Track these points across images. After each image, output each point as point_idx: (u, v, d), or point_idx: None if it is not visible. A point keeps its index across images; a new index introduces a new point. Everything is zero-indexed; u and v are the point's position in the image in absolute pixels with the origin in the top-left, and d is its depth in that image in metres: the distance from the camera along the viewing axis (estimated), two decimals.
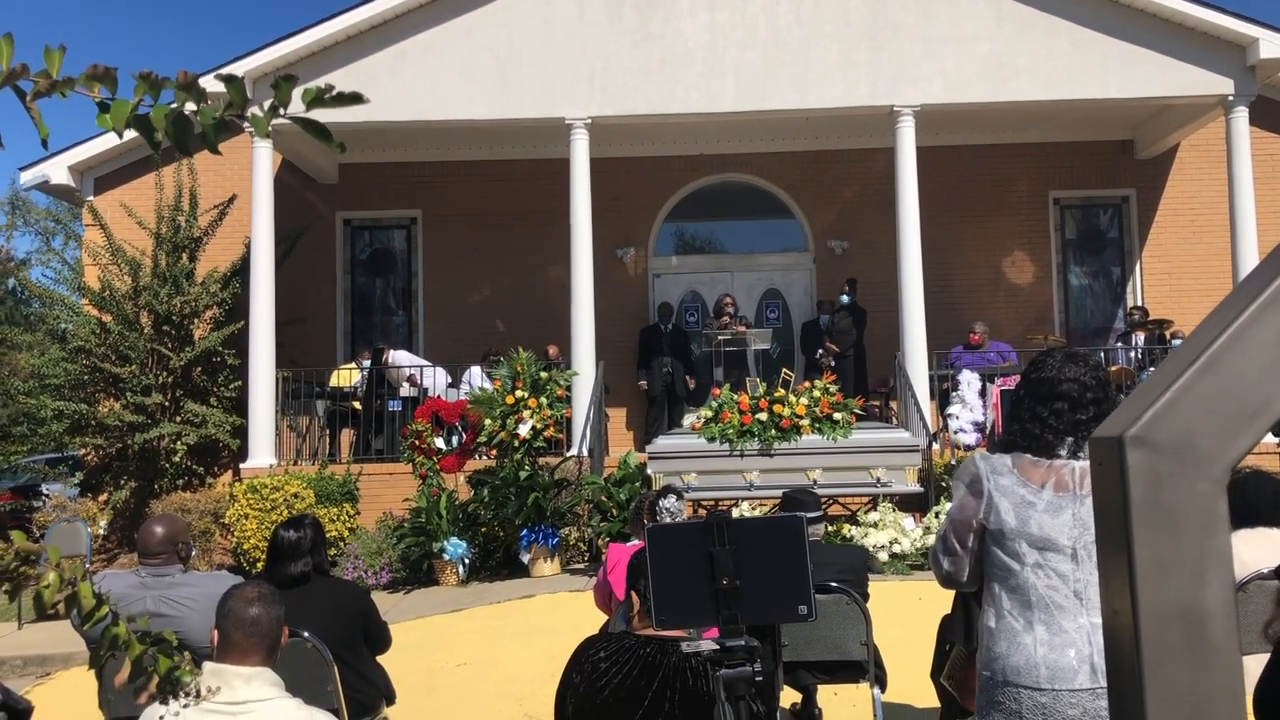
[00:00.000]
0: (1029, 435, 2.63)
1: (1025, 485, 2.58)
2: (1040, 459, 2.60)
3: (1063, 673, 2.48)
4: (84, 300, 13.85)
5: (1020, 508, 2.56)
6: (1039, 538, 2.54)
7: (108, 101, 1.12)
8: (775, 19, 12.48)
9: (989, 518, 2.60)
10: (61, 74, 1.12)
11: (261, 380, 12.42)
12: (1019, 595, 2.56)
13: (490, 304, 14.98)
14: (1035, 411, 2.64)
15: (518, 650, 7.64)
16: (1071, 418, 2.60)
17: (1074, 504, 2.54)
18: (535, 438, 10.40)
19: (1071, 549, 2.53)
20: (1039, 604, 2.53)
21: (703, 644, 2.49)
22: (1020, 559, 2.56)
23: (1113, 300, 15.21)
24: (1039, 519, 2.54)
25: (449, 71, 12.50)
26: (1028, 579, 2.55)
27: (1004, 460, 2.63)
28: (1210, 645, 0.84)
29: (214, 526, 11.85)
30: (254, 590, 2.92)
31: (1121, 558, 0.86)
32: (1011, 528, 2.56)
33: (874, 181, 14.46)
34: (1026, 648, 2.52)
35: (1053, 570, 2.53)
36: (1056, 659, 2.49)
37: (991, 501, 2.60)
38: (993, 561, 2.62)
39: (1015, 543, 2.56)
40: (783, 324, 15.07)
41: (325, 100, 1.18)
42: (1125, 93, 12.41)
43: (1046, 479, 2.58)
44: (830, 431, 10.43)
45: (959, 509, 2.67)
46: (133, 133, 1.15)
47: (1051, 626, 2.51)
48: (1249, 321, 0.86)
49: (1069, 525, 2.53)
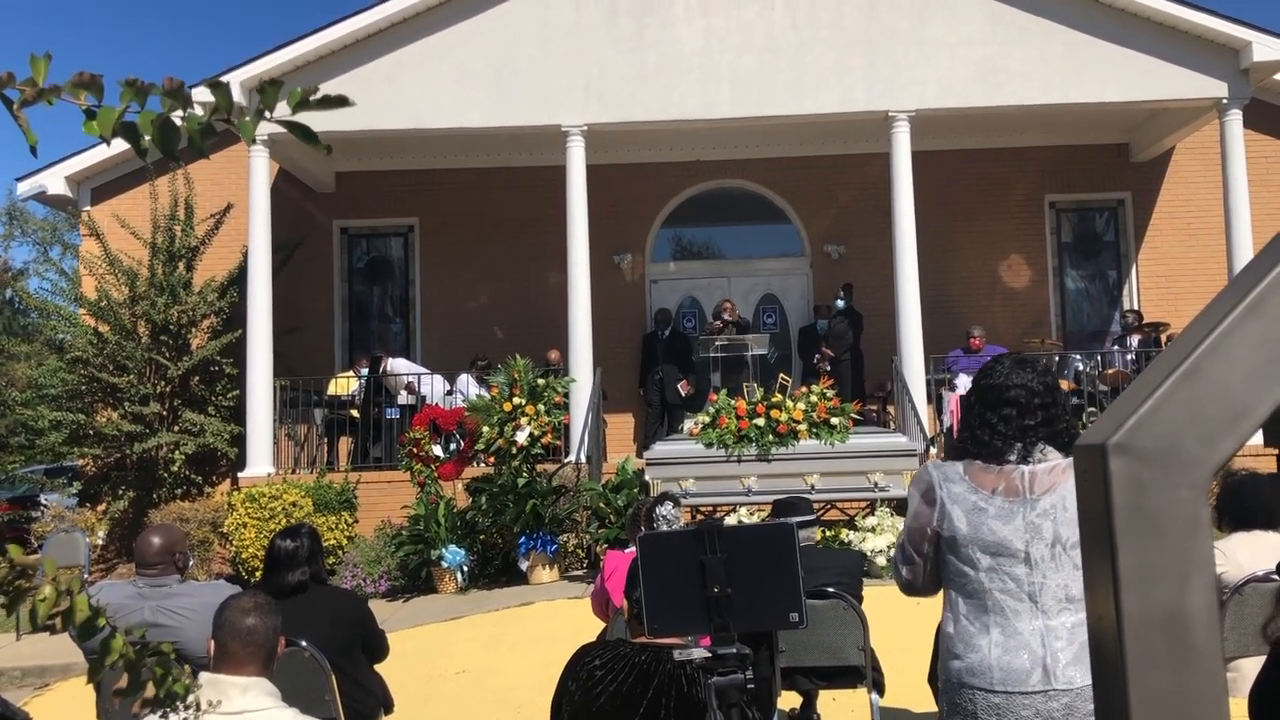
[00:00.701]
0: (979, 441, 2.68)
1: (977, 492, 2.62)
2: (991, 465, 2.64)
3: (1015, 674, 2.51)
4: (81, 310, 13.85)
5: (972, 514, 2.61)
6: (991, 543, 2.58)
7: (94, 109, 1.12)
8: (770, 25, 12.51)
9: (943, 525, 2.65)
10: (48, 82, 1.13)
11: (259, 389, 12.42)
12: (975, 600, 2.61)
13: (488, 311, 14.98)
14: (985, 418, 2.69)
15: (516, 658, 7.64)
16: (1020, 423, 2.64)
17: (1024, 508, 2.59)
18: (533, 445, 10.40)
19: (1024, 553, 2.57)
20: (994, 608, 2.57)
21: (695, 652, 2.50)
22: (975, 564, 2.60)
23: (1109, 303, 15.23)
24: (991, 524, 2.58)
25: (445, 79, 12.52)
26: (983, 583, 2.59)
27: (956, 468, 2.68)
28: (1194, 649, 0.85)
29: (212, 536, 11.84)
30: (250, 600, 2.92)
31: (1105, 563, 0.87)
32: (964, 534, 2.60)
33: (870, 186, 14.48)
34: (982, 650, 2.56)
35: (1007, 574, 2.57)
36: (1010, 661, 2.53)
37: (945, 509, 2.64)
38: (949, 568, 2.66)
39: (969, 549, 2.60)
40: (780, 329, 15.08)
41: (310, 103, 1.18)
42: (1120, 96, 12.44)
43: (997, 484, 2.62)
44: (827, 436, 10.43)
45: (914, 518, 2.72)
46: (122, 141, 1.15)
47: (1006, 629, 2.55)
48: (1230, 328, 0.87)
49: (1021, 530, 2.57)
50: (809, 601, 3.67)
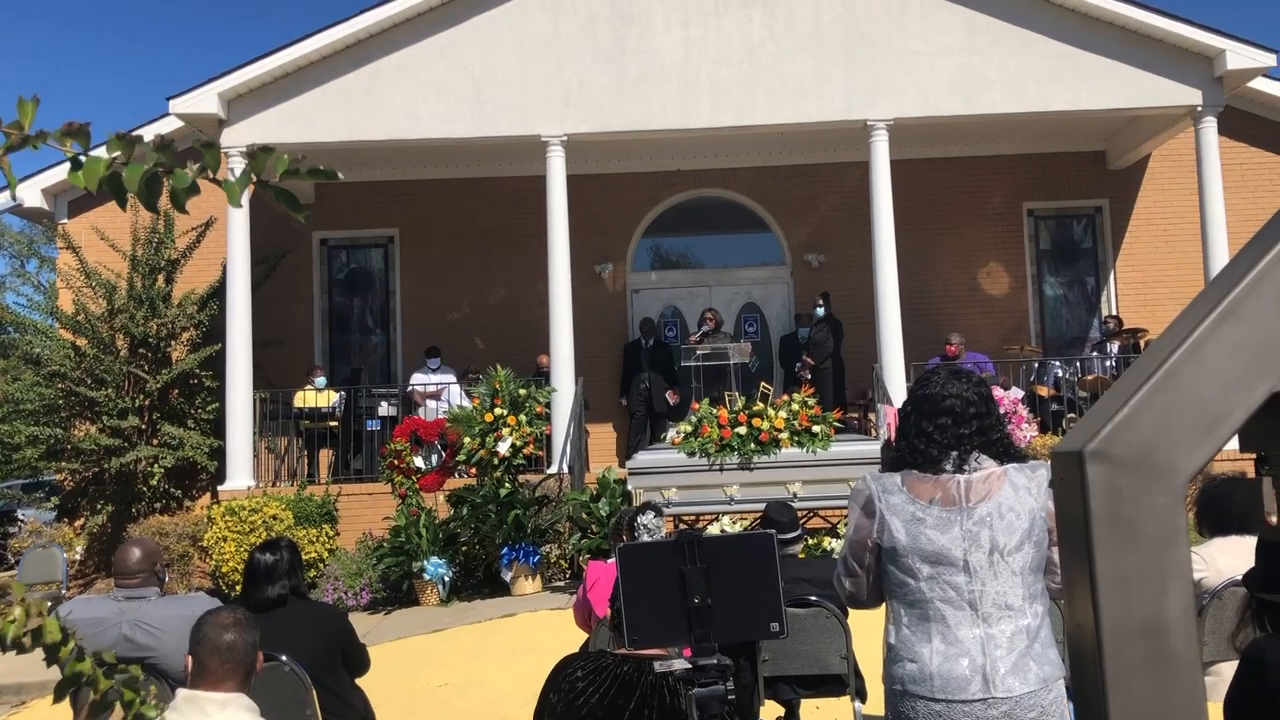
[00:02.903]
0: (915, 450, 2.71)
1: (914, 502, 2.65)
2: (927, 474, 2.67)
3: (955, 682, 2.53)
4: (58, 325, 13.75)
5: (911, 524, 2.63)
6: (930, 552, 2.60)
7: (81, 158, 1.12)
8: (749, 35, 12.55)
9: (882, 536, 2.67)
10: (34, 127, 1.11)
11: (239, 402, 12.35)
12: (917, 609, 2.63)
13: (469, 322, 14.95)
14: (921, 427, 2.72)
15: (499, 670, 7.61)
16: (955, 432, 2.67)
17: (961, 517, 2.61)
18: (515, 455, 10.37)
19: (963, 561, 2.59)
20: (935, 616, 2.59)
21: (676, 663, 2.49)
22: (915, 574, 2.62)
23: (1088, 310, 15.32)
24: (929, 534, 2.61)
25: (425, 90, 12.50)
26: (924, 592, 2.61)
27: (894, 479, 2.71)
28: (1172, 656, 0.85)
29: (192, 549, 11.75)
30: (229, 616, 2.90)
31: (1084, 571, 0.87)
32: (903, 544, 2.63)
33: (850, 195, 14.53)
34: (923, 658, 2.58)
35: (947, 583, 2.59)
36: (950, 669, 2.54)
37: (884, 520, 2.66)
38: (890, 578, 2.69)
39: (909, 558, 2.62)
40: (761, 337, 15.11)
41: (299, 173, 1.20)
42: (1096, 104, 12.53)
43: (934, 494, 2.64)
44: (809, 444, 10.44)
45: (855, 530, 2.74)
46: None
47: (947, 637, 2.57)
48: (1205, 335, 0.87)
49: (959, 538, 2.59)
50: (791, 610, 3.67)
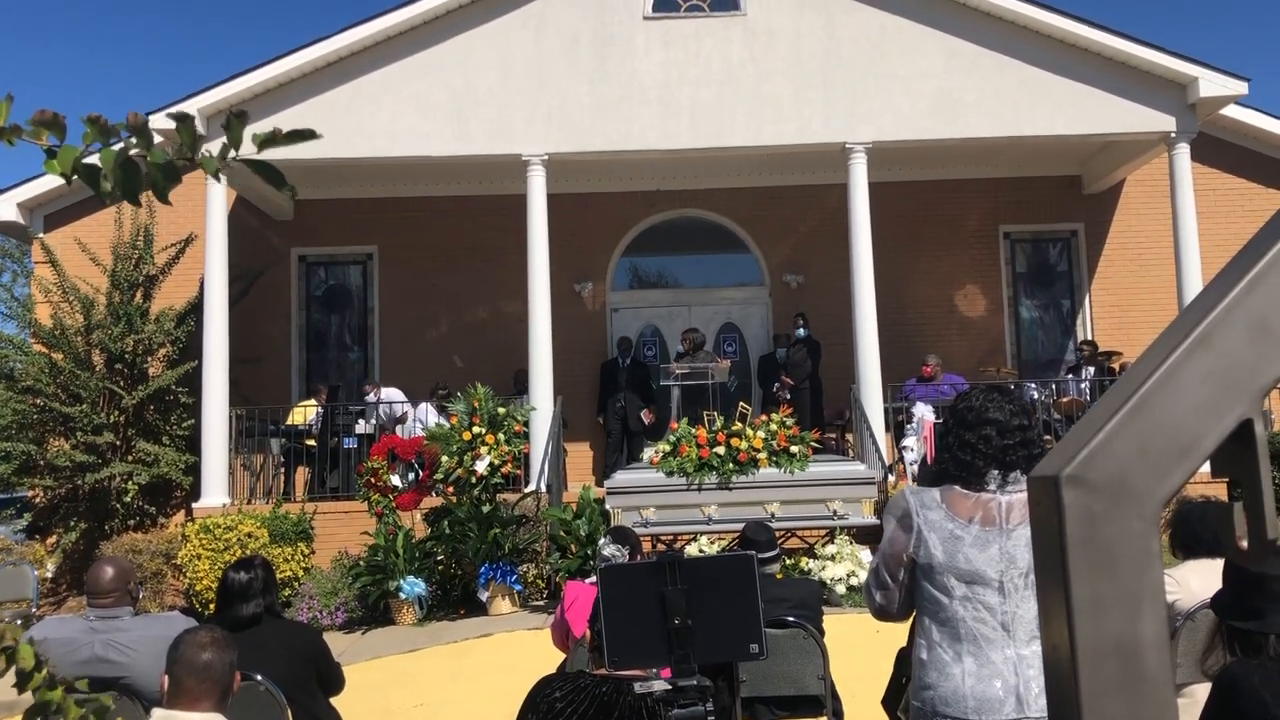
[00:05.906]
0: (959, 462, 2.69)
1: (954, 520, 2.63)
2: (969, 493, 2.66)
3: (989, 703, 2.53)
4: (33, 339, 13.63)
5: (949, 542, 2.62)
6: (967, 571, 2.59)
7: (55, 149, 1.11)
8: (729, 57, 12.63)
9: (918, 552, 2.65)
10: (9, 121, 1.11)
11: (215, 418, 12.27)
12: (948, 628, 2.61)
13: (447, 340, 14.92)
14: (964, 438, 2.71)
15: (476, 690, 7.56)
16: (1000, 443, 2.67)
17: (1001, 538, 2.60)
18: (493, 474, 10.33)
19: (999, 582, 2.58)
20: (967, 636, 2.58)
21: (655, 684, 2.49)
22: (949, 592, 2.61)
23: (1063, 333, 15.44)
24: (967, 553, 2.60)
25: (405, 108, 12.52)
26: (956, 612, 2.60)
27: (933, 495, 2.69)
28: (1146, 678, 0.86)
29: (166, 567, 11.63)
30: (207, 635, 2.88)
31: (1059, 594, 0.88)
32: (940, 562, 2.61)
33: (828, 216, 14.61)
34: (955, 679, 2.57)
35: (980, 603, 2.58)
36: (984, 690, 2.54)
37: (921, 536, 2.65)
38: (923, 595, 2.67)
39: (944, 576, 2.61)
40: (740, 357, 15.14)
41: (277, 141, 1.18)
42: (1071, 129, 12.67)
43: (974, 513, 2.63)
44: (787, 464, 10.46)
45: (889, 543, 2.72)
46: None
47: (979, 658, 2.56)
48: (1178, 362, 0.89)
49: (996, 559, 2.59)
50: (769, 631, 3.68)
